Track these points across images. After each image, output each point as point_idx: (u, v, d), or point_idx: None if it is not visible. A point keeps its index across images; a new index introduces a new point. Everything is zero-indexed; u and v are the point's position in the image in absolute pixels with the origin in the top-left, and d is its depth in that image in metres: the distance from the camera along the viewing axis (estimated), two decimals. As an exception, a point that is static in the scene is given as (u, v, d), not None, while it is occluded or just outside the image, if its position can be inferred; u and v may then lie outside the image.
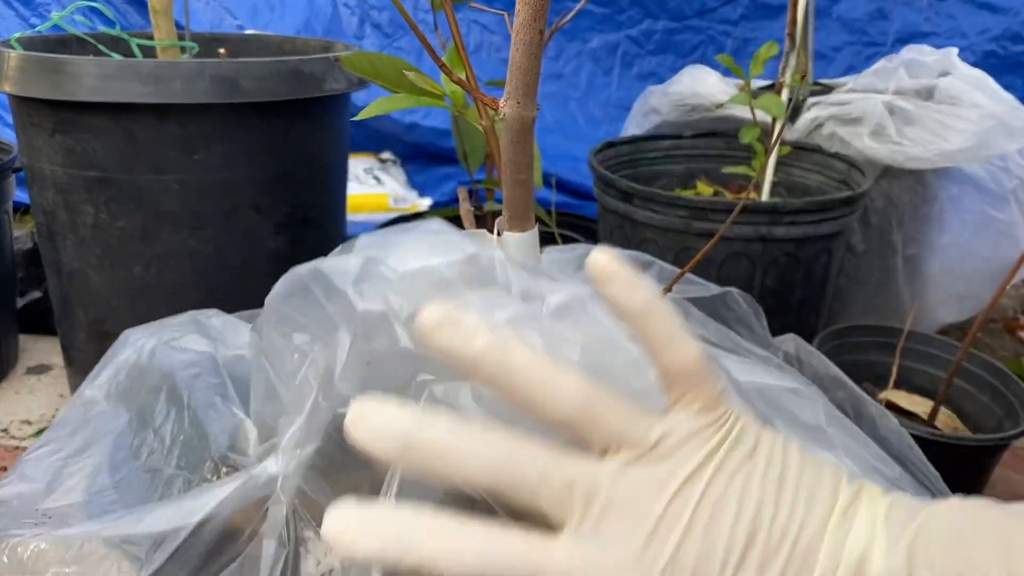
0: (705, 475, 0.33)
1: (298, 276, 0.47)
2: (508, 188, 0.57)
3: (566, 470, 0.33)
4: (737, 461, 0.34)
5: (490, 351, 0.33)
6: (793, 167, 1.32)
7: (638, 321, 0.36)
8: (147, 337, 0.63)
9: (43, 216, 1.10)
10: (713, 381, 0.36)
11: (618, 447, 0.34)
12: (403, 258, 0.43)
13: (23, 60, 0.99)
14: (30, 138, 1.06)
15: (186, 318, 0.71)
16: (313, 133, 1.10)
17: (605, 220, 1.19)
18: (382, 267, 0.43)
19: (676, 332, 0.35)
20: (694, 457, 0.33)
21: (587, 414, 0.33)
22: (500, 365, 0.33)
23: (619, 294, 0.35)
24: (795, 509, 0.33)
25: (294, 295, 0.46)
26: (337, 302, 0.43)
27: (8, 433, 1.22)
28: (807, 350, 0.81)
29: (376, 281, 0.42)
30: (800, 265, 1.07)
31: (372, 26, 2.33)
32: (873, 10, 2.36)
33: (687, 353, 0.35)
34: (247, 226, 1.06)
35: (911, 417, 1.04)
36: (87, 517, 0.48)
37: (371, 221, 1.97)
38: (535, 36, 0.50)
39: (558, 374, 0.34)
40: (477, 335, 0.33)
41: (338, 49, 1.25)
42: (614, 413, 0.34)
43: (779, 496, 0.33)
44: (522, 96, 0.52)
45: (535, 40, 0.50)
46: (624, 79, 2.49)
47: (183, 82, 0.96)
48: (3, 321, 1.36)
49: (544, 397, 0.33)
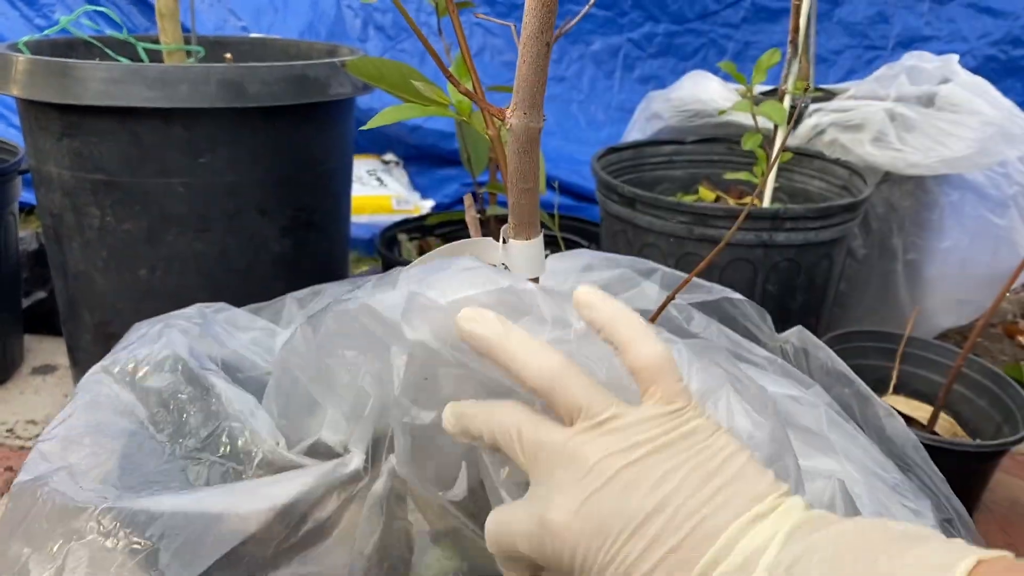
0: (640, 450, 0.38)
1: (347, 311, 0.51)
2: (514, 196, 0.58)
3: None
4: (678, 448, 0.39)
5: (497, 334, 0.43)
6: (794, 173, 1.33)
7: (607, 329, 0.43)
8: (163, 327, 0.65)
9: (50, 218, 1.11)
10: (674, 378, 0.41)
11: (577, 418, 0.41)
12: (443, 291, 0.48)
13: (31, 64, 1.00)
14: (37, 141, 1.06)
15: (193, 311, 0.72)
16: (318, 137, 1.10)
17: (607, 225, 1.20)
18: (424, 299, 0.48)
19: (638, 335, 0.42)
20: (637, 435, 0.39)
21: (555, 384, 0.41)
22: (500, 344, 0.43)
23: (592, 315, 0.44)
24: (711, 501, 0.37)
25: (343, 325, 0.52)
26: (388, 330, 0.48)
27: (13, 433, 1.23)
28: (814, 343, 0.81)
29: (421, 312, 0.47)
30: (801, 270, 1.08)
31: (375, 28, 2.33)
32: (874, 14, 2.36)
33: (647, 352, 0.42)
34: (252, 229, 1.07)
35: (911, 422, 1.05)
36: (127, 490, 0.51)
37: (374, 223, 1.97)
38: (542, 48, 0.51)
39: (540, 352, 0.42)
40: (493, 324, 0.43)
41: (343, 53, 1.26)
42: (579, 388, 0.41)
43: (701, 486, 0.37)
44: (528, 107, 0.53)
45: (542, 52, 0.51)
46: (626, 82, 2.50)
47: (189, 86, 0.97)
48: (8, 321, 1.37)
49: (525, 367, 0.42)
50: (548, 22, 0.50)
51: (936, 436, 0.96)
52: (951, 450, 0.93)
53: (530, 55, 0.51)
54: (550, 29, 0.50)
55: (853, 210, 1.09)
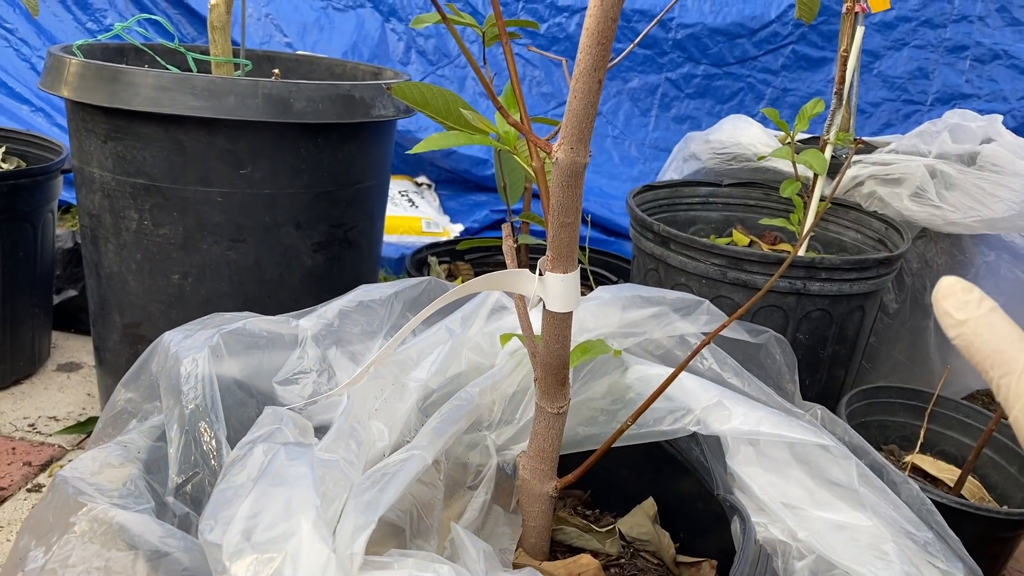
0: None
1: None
2: (554, 230, 0.58)
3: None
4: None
5: (970, 322, 0.35)
6: (830, 222, 1.32)
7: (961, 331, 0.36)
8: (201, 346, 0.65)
9: (88, 219, 1.12)
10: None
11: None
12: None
13: (82, 67, 1.02)
14: (83, 142, 1.08)
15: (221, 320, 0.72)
16: (358, 156, 1.11)
17: (640, 262, 1.20)
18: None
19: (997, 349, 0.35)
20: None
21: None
22: (975, 333, 0.35)
23: (949, 307, 0.36)
24: None
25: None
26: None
27: (35, 428, 1.24)
28: (830, 418, 0.81)
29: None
30: (833, 321, 1.07)
31: (417, 52, 2.36)
32: (914, 69, 2.36)
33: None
34: (287, 242, 1.08)
35: (937, 483, 1.03)
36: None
37: (403, 243, 1.98)
38: (593, 85, 0.51)
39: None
40: (968, 308, 0.35)
41: (388, 76, 1.28)
42: None
43: None
44: (576, 142, 0.53)
45: (593, 89, 0.51)
46: (662, 120, 2.51)
47: (236, 98, 0.98)
48: (39, 317, 1.38)
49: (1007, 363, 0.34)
50: (602, 60, 0.50)
51: (963, 500, 0.94)
52: (977, 515, 0.91)
53: (581, 91, 0.52)
54: (603, 67, 0.51)
55: (889, 264, 1.08)
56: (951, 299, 0.36)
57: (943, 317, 0.36)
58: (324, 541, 0.43)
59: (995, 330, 0.34)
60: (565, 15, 2.37)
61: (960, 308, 0.35)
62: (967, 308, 0.35)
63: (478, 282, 0.60)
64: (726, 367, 0.74)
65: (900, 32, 2.34)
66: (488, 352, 0.74)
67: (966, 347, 0.35)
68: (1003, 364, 0.34)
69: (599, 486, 0.82)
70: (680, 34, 2.40)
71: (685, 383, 0.68)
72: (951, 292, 0.35)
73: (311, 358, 0.69)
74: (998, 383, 0.34)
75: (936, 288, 0.36)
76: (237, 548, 0.43)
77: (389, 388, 0.63)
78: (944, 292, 0.36)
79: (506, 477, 0.68)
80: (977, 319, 0.35)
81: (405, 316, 0.78)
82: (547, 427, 0.64)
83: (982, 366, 0.34)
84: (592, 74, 0.50)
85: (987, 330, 0.34)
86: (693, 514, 0.74)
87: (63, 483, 0.51)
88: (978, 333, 0.35)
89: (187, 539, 0.46)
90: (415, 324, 0.59)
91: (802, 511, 0.65)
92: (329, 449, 0.51)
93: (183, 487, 0.56)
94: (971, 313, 0.35)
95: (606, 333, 0.76)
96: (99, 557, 0.45)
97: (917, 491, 0.73)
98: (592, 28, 0.48)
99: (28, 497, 1.08)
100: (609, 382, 0.73)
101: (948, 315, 0.36)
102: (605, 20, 0.49)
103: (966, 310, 0.35)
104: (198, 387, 0.59)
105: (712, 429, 0.65)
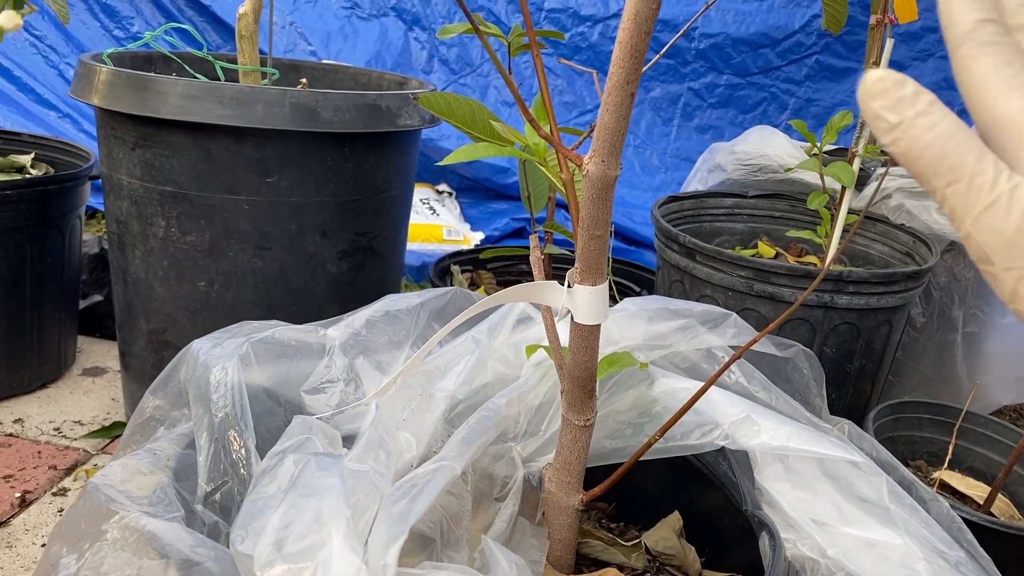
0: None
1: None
2: (583, 242, 0.58)
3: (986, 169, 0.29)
4: None
5: (905, 123, 0.29)
6: (857, 235, 1.31)
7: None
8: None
9: (116, 225, 1.13)
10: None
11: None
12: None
13: (112, 75, 1.03)
14: (111, 150, 1.09)
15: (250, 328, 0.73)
16: (383, 165, 1.12)
17: (664, 273, 1.19)
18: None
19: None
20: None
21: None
22: (914, 137, 0.29)
23: (879, 108, 0.30)
24: None
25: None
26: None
27: (60, 432, 1.25)
28: (858, 433, 0.80)
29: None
30: (861, 335, 1.06)
31: (440, 61, 2.37)
32: (940, 79, 2.34)
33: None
34: (312, 250, 1.08)
35: (965, 500, 1.02)
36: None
37: (423, 251, 1.99)
38: (626, 98, 0.51)
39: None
40: (903, 106, 0.29)
41: (413, 85, 1.28)
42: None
43: None
44: (607, 155, 0.53)
45: (625, 102, 0.51)
46: (683, 130, 2.50)
47: (264, 107, 0.99)
48: (66, 322, 1.40)
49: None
50: (635, 73, 0.50)
51: (993, 518, 0.93)
52: (1007, 533, 0.90)
53: (614, 104, 0.51)
54: (636, 80, 0.50)
55: (918, 278, 1.07)
56: (881, 98, 0.29)
57: (874, 121, 0.29)
58: (355, 552, 0.43)
59: (937, 130, 0.29)
60: (588, 24, 2.37)
61: (893, 109, 0.29)
62: (901, 107, 0.29)
63: (507, 293, 0.60)
64: (753, 381, 0.73)
65: (926, 43, 2.33)
66: (514, 363, 0.74)
67: (903, 154, 0.29)
68: (949, 171, 0.28)
69: (623, 498, 0.81)
70: (703, 44, 2.40)
71: (713, 397, 0.68)
72: (880, 90, 0.29)
73: (338, 367, 0.69)
74: (944, 193, 0.29)
75: (861, 85, 0.29)
76: (268, 559, 0.43)
77: (416, 399, 0.63)
78: (872, 90, 0.29)
79: (531, 489, 0.68)
80: (914, 119, 0.29)
81: (431, 326, 0.78)
82: (574, 439, 0.64)
83: (923, 176, 0.29)
84: (625, 87, 0.50)
85: (927, 132, 0.29)
86: (719, 529, 0.73)
87: (95, 490, 0.51)
88: (917, 137, 0.29)
89: (218, 548, 0.46)
90: (443, 335, 0.59)
91: (832, 528, 0.64)
92: (359, 459, 0.51)
93: (212, 495, 0.56)
94: (906, 113, 0.29)
95: (632, 345, 0.75)
96: (131, 565, 0.45)
97: (947, 508, 0.72)
98: (625, 41, 0.48)
99: (53, 501, 1.09)
100: (635, 395, 0.72)
101: (879, 118, 0.29)
102: (639, 34, 0.48)
103: (900, 110, 0.29)
104: (227, 395, 0.59)
105: (741, 444, 0.65)
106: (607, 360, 0.69)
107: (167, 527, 0.48)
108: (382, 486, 0.50)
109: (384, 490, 0.50)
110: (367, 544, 0.44)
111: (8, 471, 1.14)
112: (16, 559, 0.98)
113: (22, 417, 1.28)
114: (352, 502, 0.47)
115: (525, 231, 2.23)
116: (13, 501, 1.08)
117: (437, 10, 2.36)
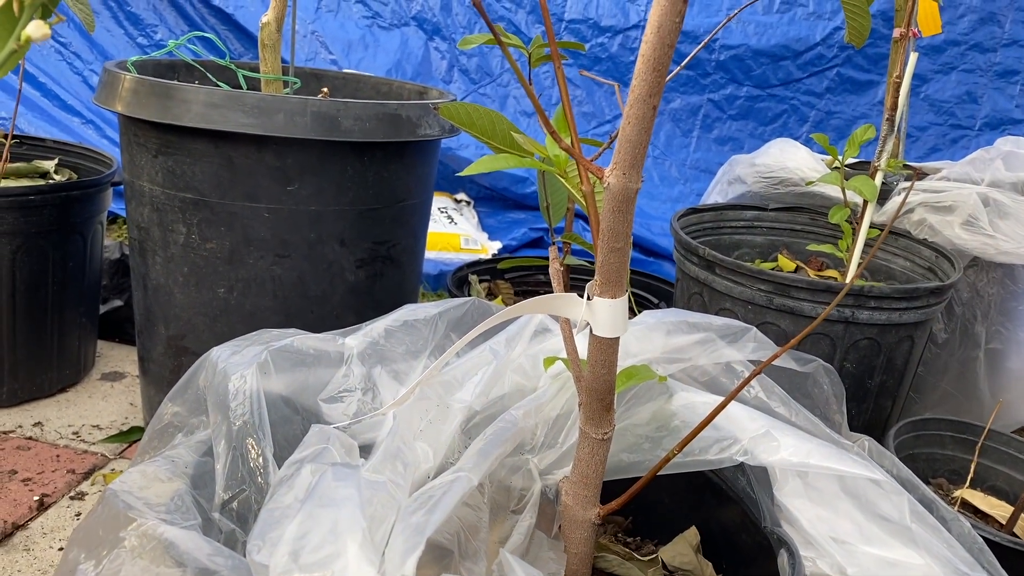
0: None
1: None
2: (603, 255, 0.57)
3: None
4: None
5: None
6: (878, 249, 1.30)
7: None
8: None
9: (137, 231, 1.14)
10: None
11: None
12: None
13: (136, 83, 1.04)
14: (134, 156, 1.10)
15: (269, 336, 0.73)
16: (403, 174, 1.12)
17: (683, 285, 1.19)
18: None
19: None
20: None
21: None
22: None
23: None
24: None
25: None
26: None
27: (79, 436, 1.25)
28: (878, 450, 0.79)
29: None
30: (881, 351, 1.05)
31: (460, 71, 2.38)
32: (963, 93, 2.32)
33: None
34: (331, 258, 1.08)
35: (987, 520, 1.00)
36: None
37: (441, 259, 1.99)
38: (648, 112, 0.51)
39: None
40: None
41: (433, 95, 1.28)
42: None
43: None
44: (628, 168, 0.53)
45: (648, 115, 0.51)
46: (703, 141, 2.49)
47: (286, 116, 0.99)
48: (86, 327, 1.41)
49: None
50: (657, 86, 0.50)
51: (1015, 538, 0.91)
52: (1031, 555, 0.88)
53: (636, 117, 0.51)
54: (659, 93, 0.50)
55: (940, 294, 1.05)
56: None
57: None
58: (371, 563, 0.43)
59: None
60: (607, 35, 2.37)
61: None
62: None
63: (525, 305, 0.60)
64: (773, 396, 0.73)
65: (948, 56, 2.31)
66: (531, 374, 0.73)
67: None
68: None
69: (640, 513, 0.81)
70: (723, 55, 2.39)
71: (732, 412, 0.67)
72: None
73: (356, 376, 0.69)
74: None
75: None
76: (285, 569, 0.43)
77: (434, 409, 0.63)
78: None
79: (548, 502, 0.67)
80: None
81: (449, 336, 0.77)
82: (591, 453, 0.63)
83: None
84: (647, 100, 0.50)
85: None
86: (737, 545, 0.72)
87: (113, 497, 0.51)
88: None
89: (235, 558, 0.46)
90: (461, 345, 0.59)
91: (851, 546, 0.63)
92: (376, 470, 0.51)
93: (229, 503, 0.56)
94: None
95: (650, 358, 0.75)
96: (148, 573, 0.45)
97: (969, 528, 0.71)
98: (648, 55, 0.48)
99: (71, 504, 1.10)
100: (653, 408, 0.72)
101: None
102: (661, 47, 0.48)
103: None
104: (246, 403, 0.59)
105: (760, 460, 0.64)
106: (626, 373, 0.68)
107: (185, 535, 0.48)
108: (399, 497, 0.50)
109: (401, 501, 0.50)
110: (384, 555, 0.44)
111: (27, 474, 1.15)
112: (33, 562, 0.99)
113: (41, 421, 1.29)
114: (369, 513, 0.47)
115: (543, 241, 2.23)
116: (32, 504, 1.08)
117: (457, 20, 2.37)
